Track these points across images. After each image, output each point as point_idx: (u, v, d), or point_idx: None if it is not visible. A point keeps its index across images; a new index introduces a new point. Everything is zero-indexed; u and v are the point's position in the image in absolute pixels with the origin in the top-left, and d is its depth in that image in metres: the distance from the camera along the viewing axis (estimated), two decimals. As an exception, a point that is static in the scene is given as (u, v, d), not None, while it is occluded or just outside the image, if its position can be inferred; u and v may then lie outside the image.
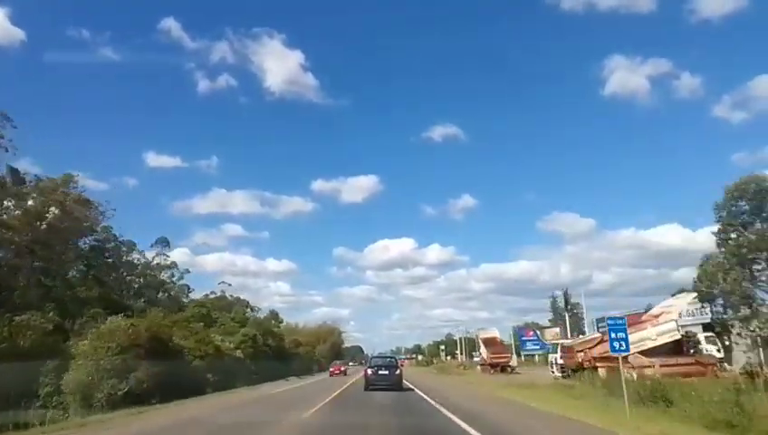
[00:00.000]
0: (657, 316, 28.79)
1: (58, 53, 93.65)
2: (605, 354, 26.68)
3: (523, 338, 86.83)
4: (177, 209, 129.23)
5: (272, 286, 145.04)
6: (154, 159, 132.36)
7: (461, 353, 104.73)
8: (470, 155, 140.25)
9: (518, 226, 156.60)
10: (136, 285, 47.74)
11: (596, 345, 27.59)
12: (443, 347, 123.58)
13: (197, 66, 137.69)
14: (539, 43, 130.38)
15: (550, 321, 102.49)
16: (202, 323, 39.92)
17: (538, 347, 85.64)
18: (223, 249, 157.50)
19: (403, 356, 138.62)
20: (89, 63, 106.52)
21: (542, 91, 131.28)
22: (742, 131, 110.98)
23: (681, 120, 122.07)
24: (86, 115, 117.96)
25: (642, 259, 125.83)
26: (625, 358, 26.58)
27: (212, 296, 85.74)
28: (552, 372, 31.40)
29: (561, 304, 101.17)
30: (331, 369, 55.26)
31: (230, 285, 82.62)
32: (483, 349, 54.89)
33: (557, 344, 32.85)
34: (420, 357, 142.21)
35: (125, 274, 46.26)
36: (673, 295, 31.99)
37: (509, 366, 51.93)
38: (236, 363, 34.87)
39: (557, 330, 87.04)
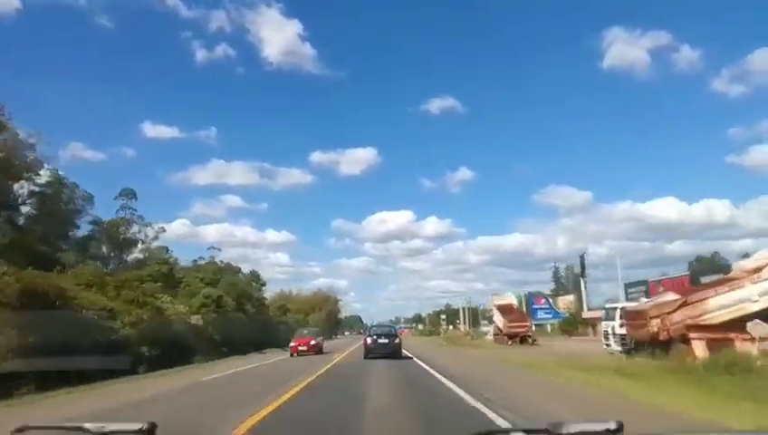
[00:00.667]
0: (756, 270, 20.72)
1: (53, 20, 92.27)
2: (703, 321, 18.96)
3: (534, 306, 79.56)
4: (175, 180, 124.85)
5: (271, 257, 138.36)
6: (151, 129, 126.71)
7: (464, 323, 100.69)
8: (468, 127, 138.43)
9: (515, 198, 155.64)
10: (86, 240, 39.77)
11: (678, 309, 19.67)
12: (444, 317, 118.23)
13: (194, 35, 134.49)
14: (537, 14, 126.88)
15: (552, 291, 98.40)
16: (160, 284, 32.07)
17: (550, 316, 79.33)
18: (222, 220, 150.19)
19: (403, 325, 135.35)
20: (84, 30, 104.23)
21: (540, 62, 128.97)
22: (739, 105, 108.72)
23: (679, 93, 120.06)
24: (82, 83, 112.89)
25: (638, 232, 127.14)
26: (736, 326, 18.97)
27: (201, 262, 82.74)
28: (608, 345, 23.56)
29: (564, 274, 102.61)
30: (292, 344, 32.27)
31: (219, 250, 77.00)
32: (497, 316, 47.39)
33: (612, 309, 24.84)
34: (420, 326, 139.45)
35: (70, 227, 38.24)
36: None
37: (528, 337, 44.45)
38: (194, 333, 27.17)
39: (571, 298, 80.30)
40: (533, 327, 69.07)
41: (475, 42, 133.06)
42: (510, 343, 43.75)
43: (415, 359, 23.11)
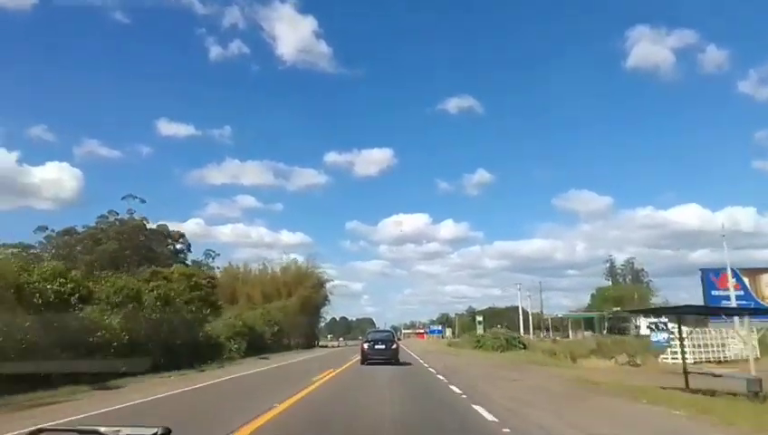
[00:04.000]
0: None
1: (69, 16, 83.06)
2: None
3: (715, 292, 38.74)
4: (190, 179, 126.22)
5: (285, 259, 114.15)
6: (167, 127, 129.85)
7: (527, 328, 71.43)
8: (486, 128, 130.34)
9: (533, 202, 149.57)
10: None
11: None
12: (480, 319, 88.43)
13: (209, 32, 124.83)
14: (560, 12, 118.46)
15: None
16: None
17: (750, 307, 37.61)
18: (237, 221, 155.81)
19: (436, 328, 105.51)
20: (100, 27, 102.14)
21: (562, 63, 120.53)
22: (766, 109, 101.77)
23: (704, 95, 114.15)
24: (99, 81, 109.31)
25: (659, 239, 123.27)
26: None
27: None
28: None
29: (621, 270, 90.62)
30: None
31: (144, 201, 61.91)
32: None
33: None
34: (449, 332, 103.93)
35: None
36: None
37: None
38: None
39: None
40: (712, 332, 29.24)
41: (494, 41, 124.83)
42: None
43: None
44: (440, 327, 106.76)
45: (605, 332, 72.98)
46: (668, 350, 27.74)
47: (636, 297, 75.01)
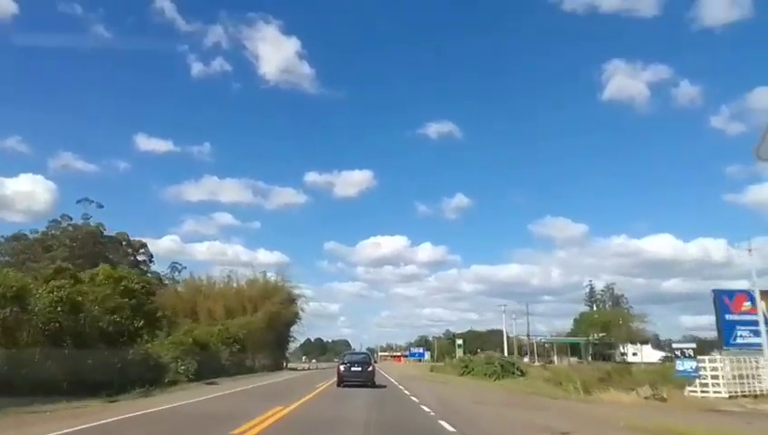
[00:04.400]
0: None
1: (50, 29, 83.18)
2: None
3: (730, 316, 34.52)
4: (168, 195, 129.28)
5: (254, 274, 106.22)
6: (145, 142, 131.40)
7: (511, 352, 67.09)
8: (465, 154, 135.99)
9: (510, 228, 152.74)
10: None
11: None
12: (460, 342, 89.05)
13: (191, 49, 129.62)
14: (539, 44, 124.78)
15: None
16: None
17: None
18: (213, 238, 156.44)
19: (420, 352, 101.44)
20: (81, 41, 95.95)
21: (541, 92, 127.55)
22: (738, 144, 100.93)
23: (678, 128, 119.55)
24: (77, 94, 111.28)
25: (632, 268, 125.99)
26: None
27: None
28: None
29: (601, 295, 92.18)
30: None
31: (102, 206, 61.26)
32: None
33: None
34: (427, 355, 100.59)
35: None
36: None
37: None
38: None
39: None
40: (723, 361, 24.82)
41: (475, 67, 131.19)
42: None
43: None
44: (421, 350, 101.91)
45: (590, 358, 69.84)
46: (698, 381, 23.35)
47: (621, 322, 72.71)
